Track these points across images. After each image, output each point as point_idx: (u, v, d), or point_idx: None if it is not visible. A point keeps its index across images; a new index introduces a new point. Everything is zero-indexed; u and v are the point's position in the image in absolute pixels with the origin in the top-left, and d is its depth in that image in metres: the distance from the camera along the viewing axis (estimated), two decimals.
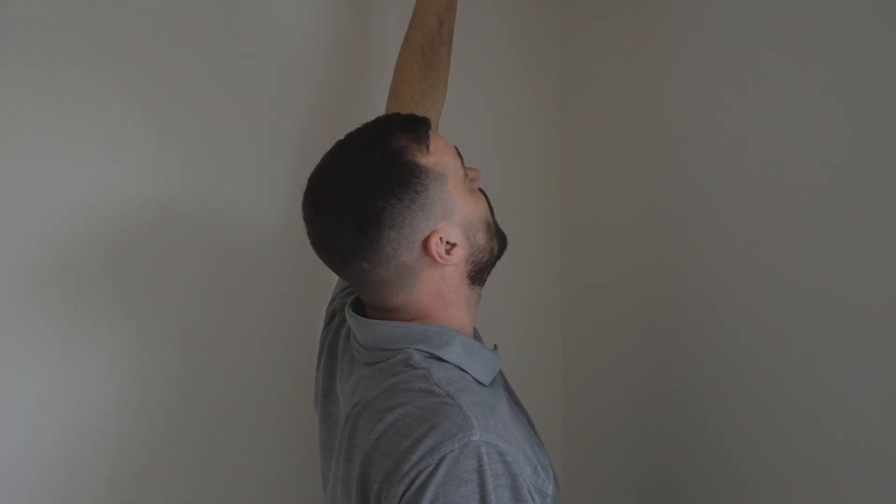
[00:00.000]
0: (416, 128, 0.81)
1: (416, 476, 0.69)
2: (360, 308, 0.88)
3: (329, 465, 0.90)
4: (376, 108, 1.10)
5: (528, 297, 1.37)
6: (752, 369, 0.98)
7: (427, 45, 1.06)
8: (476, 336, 0.94)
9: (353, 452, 0.78)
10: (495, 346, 0.92)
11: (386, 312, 0.85)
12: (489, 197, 0.90)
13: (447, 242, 0.81)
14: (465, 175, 0.85)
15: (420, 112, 1.04)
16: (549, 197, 1.38)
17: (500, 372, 0.93)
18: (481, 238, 0.84)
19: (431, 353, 0.80)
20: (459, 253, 0.81)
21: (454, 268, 0.83)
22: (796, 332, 0.92)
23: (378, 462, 0.73)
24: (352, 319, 0.87)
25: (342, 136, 0.85)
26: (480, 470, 0.69)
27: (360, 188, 0.78)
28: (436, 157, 0.80)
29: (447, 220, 0.80)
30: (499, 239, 0.88)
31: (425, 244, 0.79)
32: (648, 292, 1.17)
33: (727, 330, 1.01)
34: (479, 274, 0.86)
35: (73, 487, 1.05)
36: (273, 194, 1.16)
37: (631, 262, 1.21)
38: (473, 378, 0.81)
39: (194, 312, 1.12)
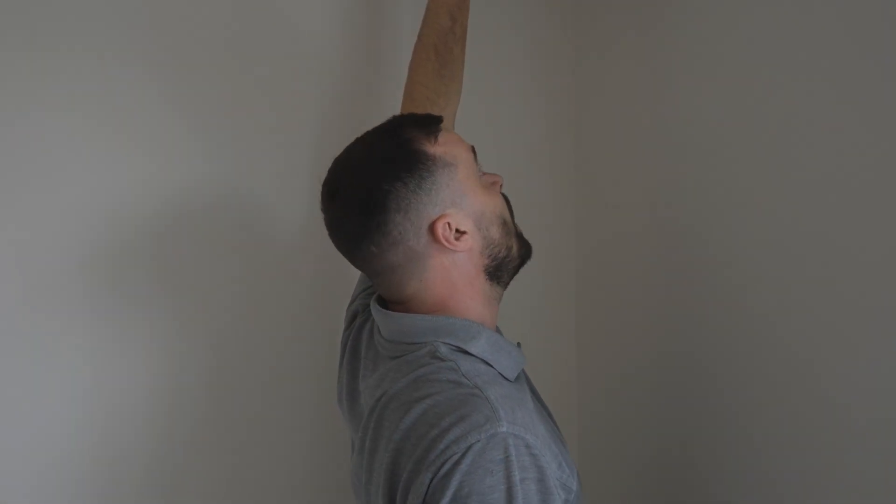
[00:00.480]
0: (427, 123, 0.83)
1: (443, 464, 0.69)
2: (383, 305, 0.89)
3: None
4: (394, 106, 1.11)
5: (543, 296, 1.37)
6: (769, 365, 0.97)
7: (440, 44, 1.06)
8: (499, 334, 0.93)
9: (380, 443, 0.78)
10: (518, 343, 0.91)
11: (403, 304, 0.85)
12: (511, 201, 0.90)
13: (456, 230, 0.81)
14: (480, 172, 0.86)
15: (435, 111, 1.04)
16: (563, 195, 1.38)
17: (524, 370, 0.93)
18: (495, 232, 0.84)
19: (458, 347, 0.80)
20: (469, 241, 0.82)
21: (466, 256, 0.83)
22: (812, 329, 0.91)
23: (408, 452, 0.73)
24: (377, 313, 0.87)
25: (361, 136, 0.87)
26: (507, 461, 0.69)
27: (368, 174, 0.81)
28: (445, 147, 0.82)
29: (456, 207, 0.81)
30: (519, 242, 0.88)
31: (432, 229, 0.80)
32: (663, 291, 1.16)
33: (743, 327, 1.01)
34: (496, 270, 0.86)
35: (115, 474, 1.09)
36: (296, 193, 1.18)
37: (645, 261, 1.20)
38: (499, 373, 0.81)
39: (223, 308, 1.15)
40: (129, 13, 1.08)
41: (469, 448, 0.69)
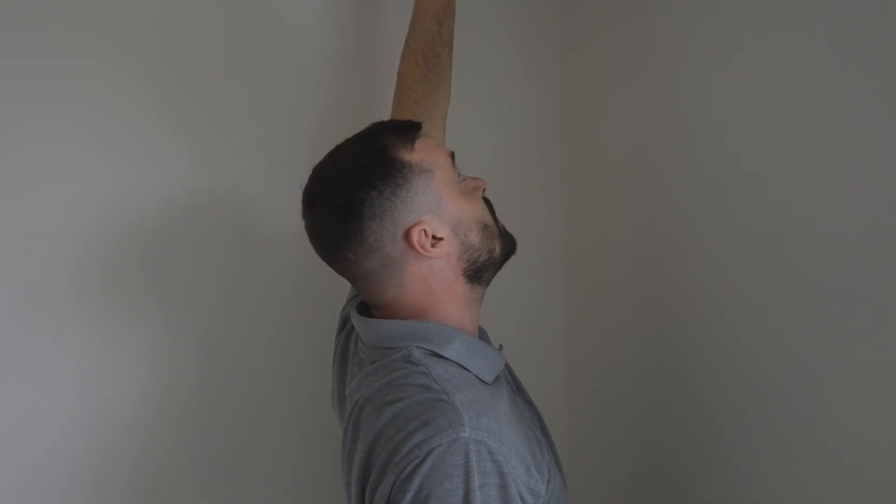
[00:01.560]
0: (405, 130, 0.84)
1: (405, 466, 0.71)
2: (366, 311, 0.90)
3: None
4: (385, 109, 1.11)
5: (533, 296, 1.37)
6: (758, 366, 0.97)
7: (428, 48, 1.07)
8: (482, 335, 0.94)
9: (356, 445, 0.80)
10: (500, 346, 0.92)
11: (383, 310, 0.86)
12: (494, 201, 0.91)
13: (433, 236, 0.82)
14: (459, 176, 0.86)
15: (423, 115, 1.05)
16: (552, 196, 1.38)
17: (510, 370, 0.94)
18: (474, 237, 0.85)
19: (432, 351, 0.81)
20: (446, 247, 0.82)
21: (444, 262, 0.83)
22: (799, 330, 0.90)
23: (377, 454, 0.75)
24: (356, 320, 0.88)
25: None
26: (467, 466, 0.70)
27: (344, 181, 0.82)
28: (422, 154, 0.83)
29: (432, 214, 0.82)
30: (502, 241, 0.89)
31: (408, 236, 0.81)
32: (652, 291, 1.16)
33: (731, 328, 1.00)
34: (477, 273, 0.86)
35: (106, 473, 1.10)
36: (287, 195, 1.16)
37: (634, 261, 1.20)
38: (475, 376, 0.82)
39: (214, 310, 1.16)
40: (120, 16, 1.09)
41: (430, 452, 0.70)
